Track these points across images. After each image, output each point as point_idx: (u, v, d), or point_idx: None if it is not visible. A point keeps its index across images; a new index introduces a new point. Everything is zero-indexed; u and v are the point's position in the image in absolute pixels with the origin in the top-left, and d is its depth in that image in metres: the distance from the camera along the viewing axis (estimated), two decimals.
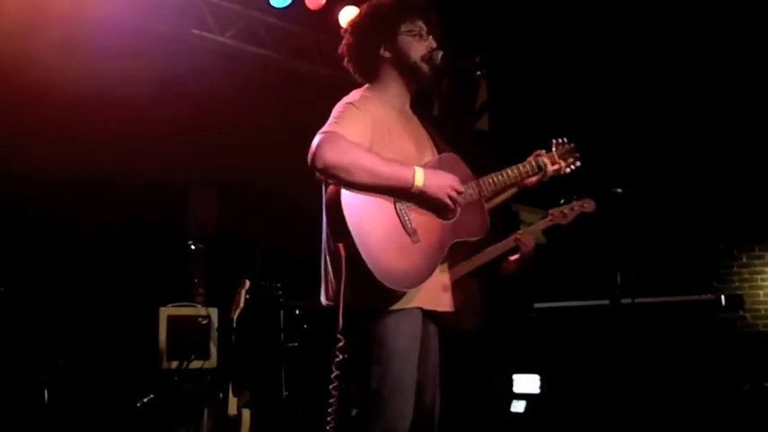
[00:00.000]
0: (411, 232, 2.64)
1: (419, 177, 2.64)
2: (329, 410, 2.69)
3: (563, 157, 3.17)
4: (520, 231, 4.15)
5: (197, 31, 5.96)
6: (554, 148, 3.17)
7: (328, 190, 2.68)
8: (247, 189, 6.43)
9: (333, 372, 2.68)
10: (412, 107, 2.98)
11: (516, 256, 4.18)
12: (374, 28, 2.85)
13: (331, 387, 2.69)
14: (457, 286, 3.02)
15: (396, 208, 2.65)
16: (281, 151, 6.33)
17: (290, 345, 5.48)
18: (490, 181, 2.90)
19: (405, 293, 2.61)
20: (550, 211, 4.25)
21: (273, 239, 6.21)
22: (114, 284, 5.63)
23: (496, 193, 3.05)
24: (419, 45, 2.83)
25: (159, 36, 5.80)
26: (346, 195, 2.59)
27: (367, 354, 2.64)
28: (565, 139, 3.21)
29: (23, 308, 4.99)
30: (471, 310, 3.89)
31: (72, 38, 5.16)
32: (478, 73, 2.99)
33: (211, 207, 6.79)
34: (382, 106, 2.79)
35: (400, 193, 2.65)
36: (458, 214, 2.76)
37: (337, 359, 2.66)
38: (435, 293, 2.75)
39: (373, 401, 2.63)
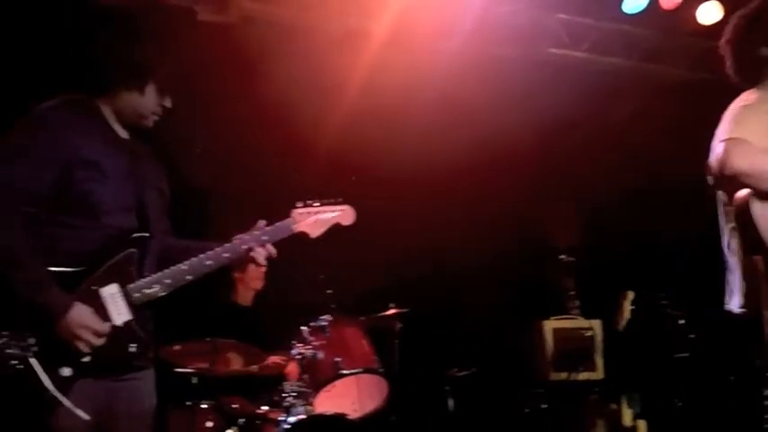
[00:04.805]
0: None
1: None
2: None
3: None
4: None
5: (554, 50, 6.08)
6: None
7: (737, 199, 2.61)
8: (607, 200, 6.42)
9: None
10: None
11: None
12: (753, 29, 2.83)
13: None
14: None
15: None
16: (637, 159, 6.25)
17: (680, 355, 5.34)
18: None
19: None
20: None
21: (646, 246, 6.11)
22: (499, 301, 5.94)
23: None
24: None
25: (515, 60, 6.02)
26: (758, 206, 2.52)
27: None
28: None
29: (428, 327, 5.47)
30: None
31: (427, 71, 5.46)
32: None
33: (572, 220, 6.87)
34: None
35: None
36: None
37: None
38: None
39: None
